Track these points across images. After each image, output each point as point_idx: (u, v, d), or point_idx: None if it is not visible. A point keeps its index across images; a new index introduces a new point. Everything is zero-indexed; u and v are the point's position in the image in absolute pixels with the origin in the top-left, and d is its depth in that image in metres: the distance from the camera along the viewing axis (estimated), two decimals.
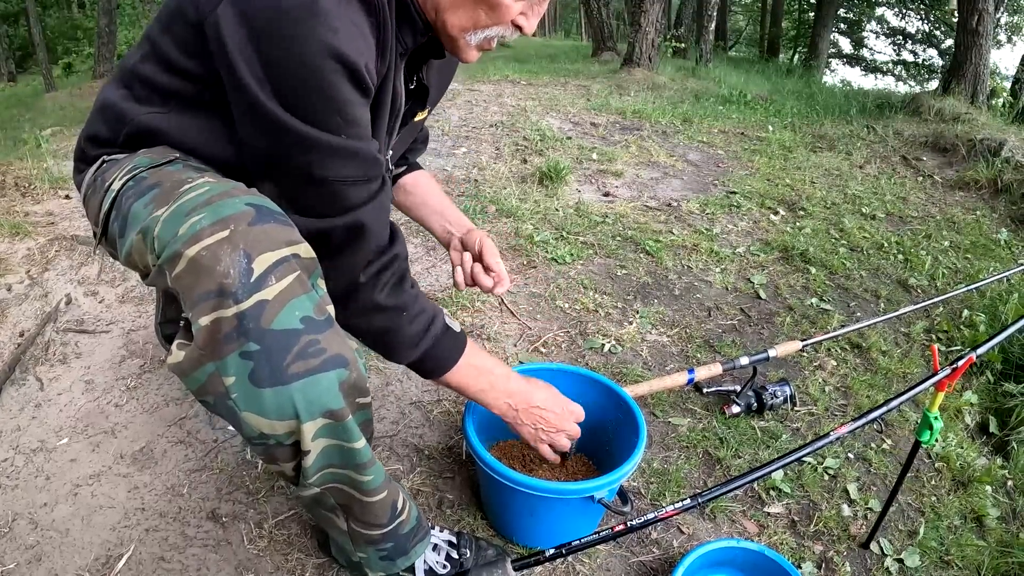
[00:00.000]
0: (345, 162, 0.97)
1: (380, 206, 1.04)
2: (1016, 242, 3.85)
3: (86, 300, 2.21)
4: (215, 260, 0.83)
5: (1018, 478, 2.08)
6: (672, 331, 2.42)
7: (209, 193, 0.90)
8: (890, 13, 22.51)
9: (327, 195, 0.99)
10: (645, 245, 3.02)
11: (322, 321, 0.90)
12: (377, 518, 1.11)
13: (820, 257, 3.18)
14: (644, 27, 8.12)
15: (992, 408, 2.43)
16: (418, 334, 1.14)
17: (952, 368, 1.40)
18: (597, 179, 3.87)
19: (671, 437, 1.92)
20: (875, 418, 1.32)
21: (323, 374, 0.89)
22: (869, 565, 1.65)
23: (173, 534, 1.45)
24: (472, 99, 5.35)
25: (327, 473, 1.00)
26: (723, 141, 5.15)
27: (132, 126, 1.09)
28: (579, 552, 1.47)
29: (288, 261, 0.87)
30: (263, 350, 0.85)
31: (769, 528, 1.69)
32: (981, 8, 6.76)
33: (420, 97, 1.26)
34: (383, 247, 1.08)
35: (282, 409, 0.88)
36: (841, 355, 2.47)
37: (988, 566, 1.71)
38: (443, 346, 1.18)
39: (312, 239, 0.95)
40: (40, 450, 1.64)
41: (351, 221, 1.00)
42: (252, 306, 0.84)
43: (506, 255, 2.79)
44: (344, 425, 0.94)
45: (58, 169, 3.15)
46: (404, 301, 1.11)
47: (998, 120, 6.13)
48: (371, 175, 1.01)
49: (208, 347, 0.85)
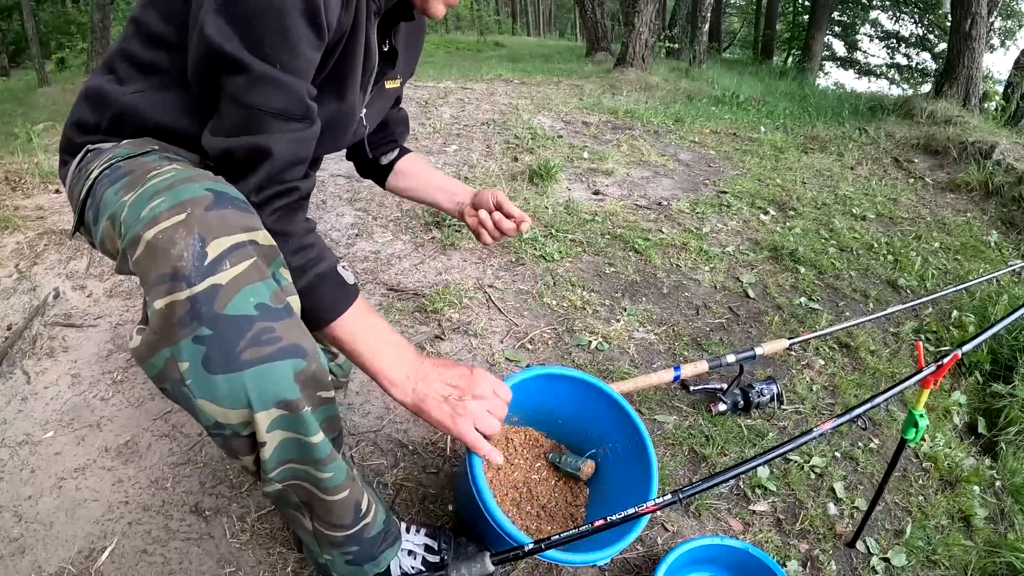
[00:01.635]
0: (272, 92, 0.95)
1: (297, 141, 1.00)
2: (1006, 244, 3.88)
3: (74, 294, 2.21)
4: (170, 243, 0.83)
5: (1006, 479, 2.10)
6: (660, 329, 2.43)
7: (172, 179, 0.90)
8: (884, 16, 22.61)
9: (246, 119, 0.96)
10: (634, 243, 3.03)
11: (279, 309, 0.89)
12: (339, 518, 1.10)
13: (809, 257, 3.19)
14: (638, 27, 8.14)
15: (981, 409, 2.45)
16: (299, 268, 1.03)
17: (937, 365, 1.41)
18: (587, 178, 3.88)
19: (657, 435, 1.93)
20: (859, 415, 1.32)
21: (277, 363, 0.88)
22: (855, 564, 1.67)
23: (156, 527, 1.45)
24: (464, 97, 5.34)
25: (287, 468, 0.99)
26: (715, 141, 5.17)
27: (115, 108, 1.09)
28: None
29: (244, 247, 0.87)
30: (215, 335, 0.84)
31: (754, 526, 1.70)
32: (974, 12, 6.79)
33: (390, 59, 1.26)
34: (285, 177, 1.02)
35: (234, 397, 0.87)
36: (829, 354, 2.48)
37: (975, 566, 1.73)
38: (327, 290, 1.08)
39: (218, 158, 0.97)
40: (25, 443, 1.64)
41: (258, 143, 0.97)
42: (205, 290, 0.83)
43: (495, 252, 2.80)
44: (300, 417, 0.92)
45: (49, 164, 3.14)
46: (291, 229, 1.04)
47: (990, 123, 6.17)
48: (296, 113, 0.98)
49: (163, 331, 0.84)
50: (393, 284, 2.48)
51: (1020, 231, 4.07)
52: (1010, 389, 2.43)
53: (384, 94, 1.37)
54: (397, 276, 2.54)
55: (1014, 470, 2.12)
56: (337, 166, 3.46)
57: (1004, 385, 2.46)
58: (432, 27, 26.27)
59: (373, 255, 2.68)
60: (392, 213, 3.02)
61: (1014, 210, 4.26)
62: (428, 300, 2.36)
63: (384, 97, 1.38)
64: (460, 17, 31.57)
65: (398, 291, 2.43)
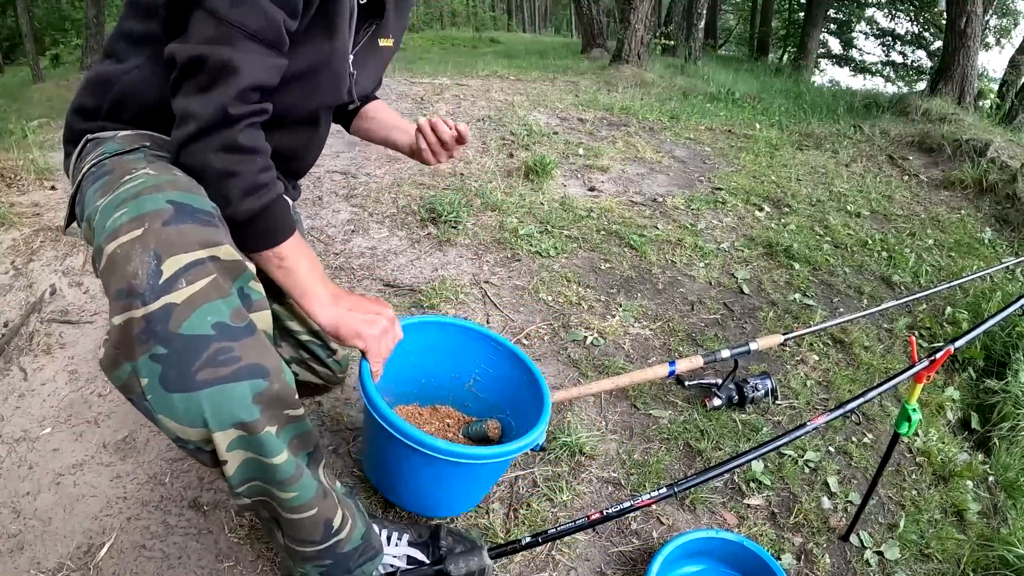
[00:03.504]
0: (251, 12, 0.96)
1: (265, 65, 1.00)
2: (1000, 241, 3.91)
3: (71, 291, 2.21)
4: (126, 259, 0.83)
5: (999, 474, 2.12)
6: (655, 324, 2.44)
7: (140, 187, 0.90)
8: (880, 14, 22.62)
9: (220, 34, 0.96)
10: (629, 240, 3.04)
11: (239, 328, 0.88)
12: (308, 535, 1.07)
13: (804, 253, 3.21)
14: (633, 24, 8.14)
15: (974, 404, 2.48)
16: (264, 186, 1.03)
17: (930, 360, 1.43)
18: (583, 174, 3.89)
19: (652, 429, 1.94)
20: (852, 409, 1.34)
21: (234, 384, 0.87)
22: (849, 557, 1.68)
23: (155, 523, 1.46)
24: (460, 94, 5.35)
25: (253, 486, 0.98)
26: (710, 138, 5.18)
27: (116, 89, 1.10)
28: (557, 541, 1.50)
29: (203, 264, 0.87)
30: (171, 354, 0.84)
31: (749, 520, 1.72)
32: (969, 10, 6.82)
33: (377, 10, 1.26)
34: (255, 96, 1.01)
35: (191, 417, 0.86)
36: (823, 350, 2.50)
37: (968, 559, 1.75)
38: (284, 210, 1.08)
39: (185, 65, 0.96)
40: (23, 440, 1.65)
41: (230, 57, 0.96)
42: (159, 309, 0.83)
43: (491, 248, 2.81)
44: (258, 438, 0.91)
45: (44, 160, 3.13)
46: (260, 146, 1.04)
47: (984, 121, 6.19)
48: (268, 38, 0.99)
49: (122, 346, 0.85)
50: (389, 280, 2.48)
51: (1014, 228, 4.10)
52: (1003, 385, 2.45)
53: (378, 52, 1.36)
54: (393, 272, 2.55)
55: (1007, 465, 2.14)
56: (333, 163, 3.46)
57: (997, 381, 2.48)
58: (427, 23, 26.23)
59: (370, 251, 2.68)
60: (388, 209, 3.02)
61: (1008, 207, 4.29)
62: (424, 295, 2.37)
63: (377, 55, 1.38)
64: (456, 13, 31.52)
65: (394, 287, 2.44)
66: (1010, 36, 19.97)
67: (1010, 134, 5.66)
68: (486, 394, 1.69)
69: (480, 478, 1.47)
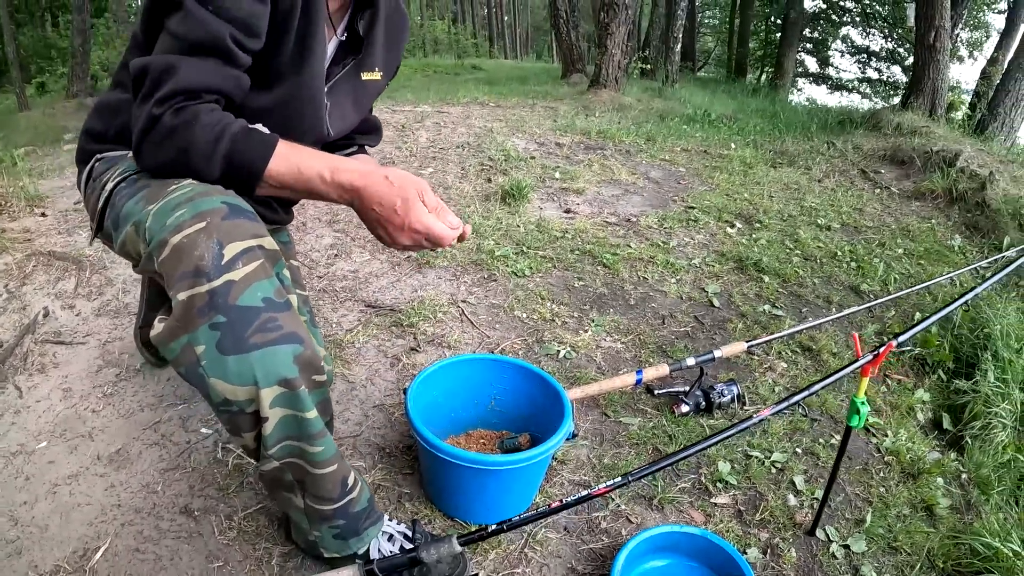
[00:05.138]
0: (195, 26, 1.06)
1: (209, 70, 1.09)
2: (969, 247, 3.99)
3: (63, 313, 2.29)
4: (193, 246, 0.98)
5: (972, 471, 2.16)
6: (626, 338, 2.55)
7: (192, 192, 1.05)
8: (855, 32, 23.08)
9: (168, 46, 1.08)
10: (602, 258, 3.15)
11: (281, 303, 1.04)
12: (328, 492, 1.23)
13: (774, 266, 3.31)
14: (610, 49, 8.32)
15: (945, 405, 2.53)
16: (211, 140, 1.07)
17: (873, 355, 1.54)
18: (559, 197, 4.01)
19: (622, 435, 2.04)
20: (797, 400, 1.46)
21: (280, 347, 1.02)
22: (815, 551, 1.74)
23: (148, 528, 1.54)
24: (441, 121, 5.47)
25: (285, 446, 1.13)
26: (685, 159, 5.32)
27: (122, 117, 1.24)
28: (531, 540, 1.60)
29: (253, 250, 1.02)
30: (229, 322, 0.99)
31: (715, 517, 1.79)
32: (938, 25, 6.95)
33: (355, 47, 1.38)
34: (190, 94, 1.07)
35: (243, 375, 1.01)
36: (792, 357, 2.60)
37: (938, 551, 1.79)
38: (249, 141, 1.11)
39: (136, 76, 1.08)
40: (19, 453, 1.73)
41: (170, 61, 1.06)
42: (222, 284, 0.98)
43: (468, 269, 2.91)
44: (297, 394, 1.07)
45: (34, 187, 3.22)
46: (194, 112, 1.07)
47: (956, 132, 6.32)
48: (215, 49, 1.08)
49: (183, 319, 0.99)
50: (371, 301, 2.58)
51: (984, 234, 4.18)
52: (972, 385, 2.50)
53: (360, 85, 1.46)
54: (375, 293, 2.65)
55: (980, 463, 2.18)
56: None
57: (966, 381, 2.54)
58: (410, 51, 26.46)
59: (352, 274, 2.78)
60: (369, 234, 3.12)
61: (977, 215, 4.37)
62: (404, 315, 2.47)
63: (360, 88, 1.47)
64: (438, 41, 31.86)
65: (376, 307, 2.54)
66: (982, 48, 20.33)
67: (980, 143, 5.79)
68: (509, 409, 1.91)
69: (533, 477, 1.68)
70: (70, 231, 2.84)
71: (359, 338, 2.33)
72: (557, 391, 1.73)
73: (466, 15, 41.71)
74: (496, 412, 1.91)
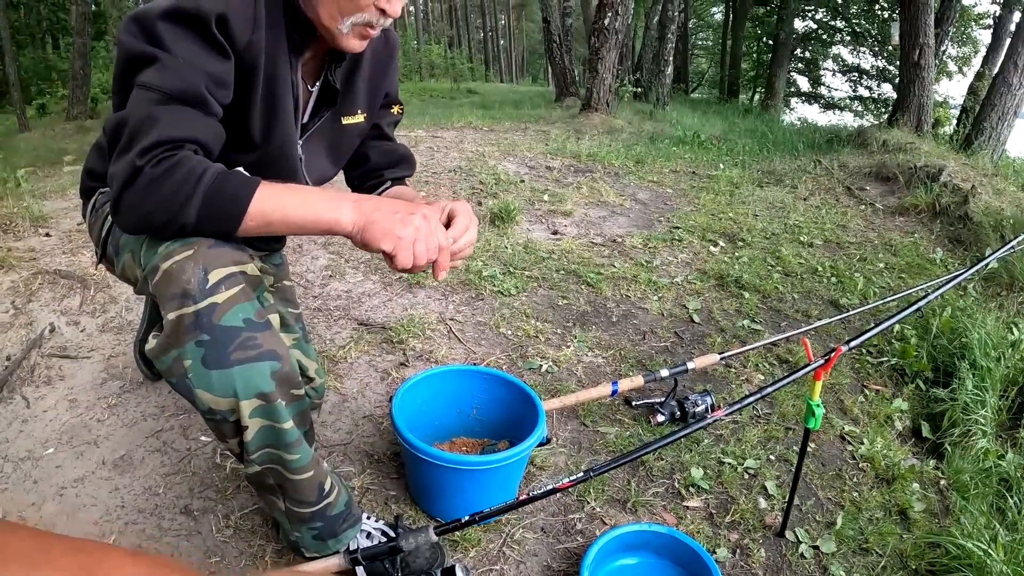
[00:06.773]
0: (169, 76, 1.09)
1: (188, 120, 1.11)
2: (951, 260, 4.09)
3: (68, 329, 2.41)
4: (181, 271, 1.08)
5: (952, 476, 2.23)
6: (607, 353, 2.67)
7: None
8: (845, 51, 23.38)
9: (143, 99, 1.09)
10: (587, 277, 3.28)
11: (261, 324, 1.14)
12: (306, 496, 1.33)
13: (754, 283, 3.43)
14: (601, 73, 8.51)
15: (924, 414, 2.60)
16: (189, 182, 1.06)
17: (825, 359, 1.65)
18: (547, 219, 4.14)
19: (599, 444, 2.15)
20: (751, 402, 1.56)
21: (258, 363, 1.12)
22: (784, 552, 1.82)
23: (150, 527, 1.65)
24: (434, 145, 5.62)
25: (264, 453, 1.23)
26: (673, 180, 5.46)
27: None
28: (510, 539, 1.71)
29: (235, 276, 1.12)
30: (212, 340, 1.09)
31: (687, 519, 1.88)
32: (922, 43, 7.12)
33: (330, 98, 1.43)
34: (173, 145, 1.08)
35: (225, 388, 1.11)
36: (769, 369, 2.70)
37: (911, 553, 1.86)
38: (229, 183, 1.09)
39: (112, 130, 1.11)
40: (27, 459, 1.83)
41: (150, 112, 1.08)
42: (206, 306, 1.08)
43: (456, 289, 3.04)
44: (274, 407, 1.16)
45: (38, 208, 3.34)
46: (176, 161, 1.07)
47: (941, 148, 6.43)
48: (190, 98, 1.11)
49: (173, 335, 1.10)
50: (363, 319, 2.70)
51: (966, 247, 4.29)
52: (950, 393, 2.57)
53: (340, 131, 1.51)
54: (367, 312, 2.77)
55: (959, 469, 2.23)
56: None
57: (943, 389, 2.62)
58: (406, 75, 26.73)
59: (345, 294, 2.91)
60: (363, 255, 3.25)
61: (960, 228, 4.49)
62: (394, 332, 2.59)
63: (339, 134, 1.50)
64: (434, 65, 32.17)
65: (367, 325, 2.66)
66: (970, 64, 20.55)
67: (965, 158, 5.89)
68: (490, 417, 2.02)
69: (509, 478, 1.78)
70: (74, 251, 2.95)
71: (351, 353, 2.45)
72: (533, 400, 1.84)
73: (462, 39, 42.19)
74: (478, 421, 2.03)
